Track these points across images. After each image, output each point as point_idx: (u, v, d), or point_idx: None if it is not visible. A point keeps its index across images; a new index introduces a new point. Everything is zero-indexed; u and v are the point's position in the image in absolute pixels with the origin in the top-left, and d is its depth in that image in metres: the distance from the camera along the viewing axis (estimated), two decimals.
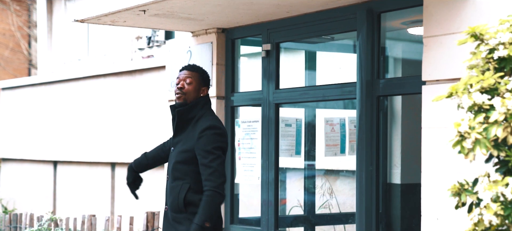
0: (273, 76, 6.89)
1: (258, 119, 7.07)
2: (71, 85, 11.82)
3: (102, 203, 11.19)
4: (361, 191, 6.11)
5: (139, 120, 10.45)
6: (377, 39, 6.04)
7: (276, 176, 6.90)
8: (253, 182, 7.13)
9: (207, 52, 7.41)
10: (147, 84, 10.38)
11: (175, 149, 5.23)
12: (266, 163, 6.93)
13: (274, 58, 6.89)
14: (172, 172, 5.21)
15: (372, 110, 6.05)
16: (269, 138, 6.91)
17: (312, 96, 6.78)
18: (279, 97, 6.85)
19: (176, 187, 5.15)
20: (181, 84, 5.22)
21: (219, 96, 7.38)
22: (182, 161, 5.16)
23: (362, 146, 6.09)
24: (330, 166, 8.33)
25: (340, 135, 7.93)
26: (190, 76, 5.26)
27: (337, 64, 8.20)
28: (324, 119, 7.85)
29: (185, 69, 5.31)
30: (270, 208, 6.89)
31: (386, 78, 6.14)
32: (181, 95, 5.21)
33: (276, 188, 6.90)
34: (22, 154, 13.01)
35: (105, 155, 11.05)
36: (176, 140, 5.26)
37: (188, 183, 5.12)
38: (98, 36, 12.63)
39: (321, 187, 8.17)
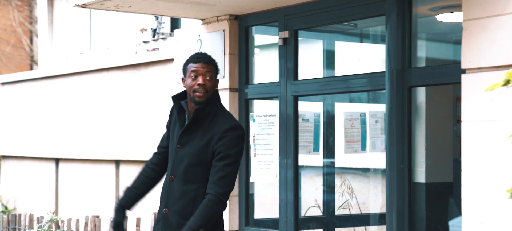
0: (291, 66, 6.25)
1: (275, 113, 6.42)
2: (73, 80, 11.23)
3: (106, 203, 10.61)
4: (391, 190, 5.47)
5: (144, 116, 9.85)
6: (408, 24, 5.40)
7: (296, 174, 6.26)
8: (270, 181, 6.49)
9: (218, 41, 6.76)
10: (152, 78, 9.77)
11: (185, 148, 4.63)
12: (284, 160, 6.29)
13: (292, 47, 6.25)
14: (183, 174, 4.62)
15: (403, 102, 5.41)
16: (288, 133, 6.27)
17: (334, 88, 6.12)
18: (298, 90, 6.21)
19: (189, 192, 4.59)
20: (202, 80, 4.58)
21: (232, 89, 6.73)
22: (197, 163, 4.60)
23: (392, 142, 5.44)
24: (350, 163, 7.68)
25: (361, 130, 7.30)
26: (210, 71, 4.63)
27: (357, 55, 7.55)
28: (344, 114, 7.22)
29: (203, 62, 4.64)
30: (289, 209, 6.25)
31: (419, 67, 5.48)
32: (204, 94, 4.58)
33: (295, 188, 6.26)
34: (22, 151, 12.43)
35: (109, 152, 10.46)
36: (185, 139, 4.65)
37: (204, 187, 4.57)
38: (101, 29, 12.00)
39: (340, 186, 7.52)
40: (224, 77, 6.72)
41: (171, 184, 4.64)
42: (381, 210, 7.65)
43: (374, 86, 5.75)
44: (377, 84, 5.65)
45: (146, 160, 9.63)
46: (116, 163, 10.54)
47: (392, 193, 5.47)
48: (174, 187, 4.63)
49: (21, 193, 12.58)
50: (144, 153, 9.73)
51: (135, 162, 10.12)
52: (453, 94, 7.11)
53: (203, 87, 4.54)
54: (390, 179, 5.48)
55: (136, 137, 9.95)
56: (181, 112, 4.70)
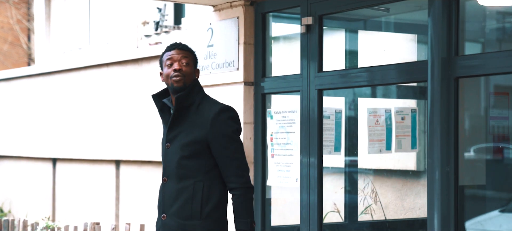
0: (315, 56, 5.45)
1: (296, 109, 5.62)
2: (71, 76, 10.45)
3: (106, 205, 9.85)
4: (433, 196, 4.67)
5: (146, 113, 9.08)
6: (455, 7, 4.60)
7: (320, 177, 5.46)
8: (290, 184, 5.69)
9: (232, 29, 5.96)
10: (155, 74, 8.99)
11: (175, 144, 4.31)
12: (306, 161, 5.49)
13: (316, 35, 5.45)
14: (176, 171, 4.28)
15: (449, 96, 4.61)
16: (311, 131, 5.47)
17: (365, 80, 5.30)
18: (322, 82, 5.41)
19: (186, 189, 4.25)
20: (178, 66, 4.29)
21: (247, 82, 5.93)
22: (189, 155, 4.24)
23: (436, 140, 4.64)
24: (374, 164, 6.88)
25: (386, 128, 6.49)
26: (187, 57, 4.35)
27: (383, 45, 6.75)
28: (367, 110, 6.41)
29: (177, 48, 4.37)
30: (312, 214, 5.45)
31: (468, 55, 4.67)
32: (181, 79, 4.29)
33: (319, 192, 5.46)
34: (18, 150, 11.65)
35: (109, 151, 9.69)
36: (173, 133, 4.33)
37: (201, 181, 4.25)
38: (100, 23, 11.22)
39: (363, 190, 6.72)
40: (238, 70, 5.92)
41: (165, 187, 4.32)
42: (406, 215, 6.86)
43: (413, 78, 4.95)
44: (418, 75, 4.85)
45: (147, 160, 8.90)
46: (116, 163, 9.81)
47: (434, 200, 4.67)
48: (168, 188, 4.30)
49: (17, 195, 11.83)
50: (146, 152, 8.99)
51: (136, 162, 9.39)
52: (484, 88, 6.34)
53: (179, 71, 4.26)
54: (431, 183, 4.69)
55: (138, 136, 9.20)
56: (165, 110, 4.42)
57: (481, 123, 6.42)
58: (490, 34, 6.28)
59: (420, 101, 6.70)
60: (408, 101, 6.65)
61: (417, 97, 6.71)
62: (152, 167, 9.20)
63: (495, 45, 6.33)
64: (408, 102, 6.64)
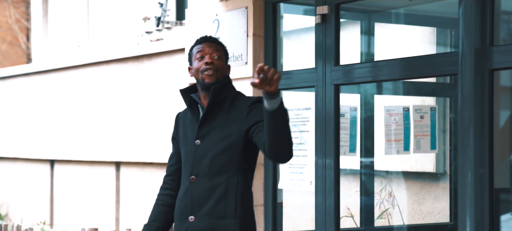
0: (331, 48, 4.95)
1: (310, 106, 5.13)
2: (69, 74, 9.96)
3: (105, 208, 9.36)
4: (465, 200, 4.18)
5: (147, 113, 8.60)
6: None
7: (337, 180, 4.97)
8: (304, 188, 5.19)
9: (240, 20, 5.47)
10: (156, 71, 8.52)
11: (207, 140, 3.95)
12: (322, 163, 5.00)
13: (332, 25, 4.95)
14: (208, 167, 3.92)
15: (483, 90, 4.12)
16: (326, 130, 4.98)
17: (388, 73, 4.79)
18: (339, 77, 4.92)
19: (220, 185, 3.90)
20: (209, 59, 3.95)
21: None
22: (224, 149, 3.90)
23: (468, 140, 4.15)
24: (390, 166, 6.39)
25: (404, 127, 6.01)
26: (218, 50, 4.02)
27: (400, 39, 6.25)
28: (384, 108, 5.92)
29: (208, 41, 4.04)
30: (328, 221, 4.96)
31: (504, 45, 4.17)
32: (213, 73, 3.94)
33: (336, 196, 4.97)
34: (15, 152, 11.16)
35: (108, 153, 9.21)
36: (205, 129, 3.96)
37: (235, 176, 3.90)
38: (99, 20, 10.74)
39: (379, 193, 6.23)
40: (247, 64, 5.43)
41: (193, 186, 3.93)
42: (424, 220, 6.37)
43: (442, 71, 4.46)
44: (447, 68, 4.35)
45: (148, 162, 8.42)
46: (116, 164, 9.33)
47: (466, 204, 4.18)
48: (198, 187, 3.93)
49: (14, 197, 11.33)
50: (148, 154, 8.50)
51: (137, 164, 8.91)
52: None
53: (211, 65, 3.93)
54: (463, 186, 4.20)
55: (139, 136, 8.72)
56: (194, 107, 4.05)
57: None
58: None
59: (439, 99, 6.22)
60: (427, 99, 6.17)
61: (436, 95, 6.22)
62: (154, 169, 8.73)
63: None
64: (427, 99, 6.16)
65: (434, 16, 6.08)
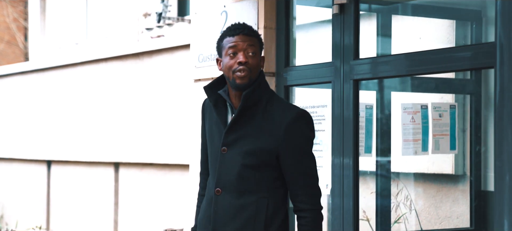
0: (350, 40, 4.50)
1: (326, 103, 4.68)
2: (67, 72, 9.48)
3: (103, 210, 8.89)
4: (503, 204, 3.72)
5: (148, 112, 8.13)
6: None
7: (356, 183, 4.51)
8: None
9: (250, 12, 5.01)
10: (157, 69, 8.05)
11: (235, 149, 3.45)
12: (340, 164, 4.54)
13: (351, 16, 4.50)
14: (236, 182, 3.43)
15: None
16: (345, 129, 4.52)
17: (415, 67, 4.32)
18: (360, 71, 4.46)
19: (248, 207, 3.42)
20: (243, 57, 3.41)
21: (267, 73, 4.98)
22: (255, 166, 3.40)
23: (506, 138, 3.69)
24: (405, 167, 5.93)
25: (422, 126, 5.55)
26: (253, 45, 3.47)
27: (418, 32, 5.79)
28: (401, 106, 5.47)
29: (243, 33, 3.46)
30: (346, 226, 4.50)
31: None
32: (247, 74, 3.42)
33: (355, 201, 4.51)
34: (11, 152, 10.67)
35: (107, 153, 8.73)
36: (234, 136, 3.46)
37: (266, 197, 3.43)
38: (98, 17, 10.25)
39: (396, 196, 5.77)
40: None
41: (218, 200, 3.48)
42: (442, 225, 5.92)
43: (477, 63, 3.99)
44: (482, 60, 3.90)
45: (148, 163, 7.93)
46: (115, 165, 8.85)
47: (503, 207, 3.72)
48: (223, 202, 3.47)
49: (10, 199, 10.83)
50: (148, 155, 8.03)
51: (136, 165, 8.43)
52: None
53: (245, 65, 3.39)
54: (500, 189, 3.74)
55: (138, 136, 8.25)
56: (220, 105, 3.53)
57: None
58: None
59: (458, 96, 5.76)
60: (446, 96, 5.71)
61: (455, 91, 5.76)
62: (154, 170, 8.26)
63: None
64: (446, 97, 5.70)
65: (454, 9, 5.63)
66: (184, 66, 7.59)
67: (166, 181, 8.05)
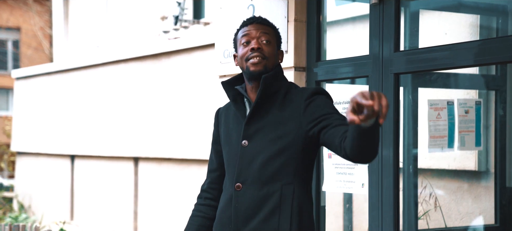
0: (390, 31, 3.58)
1: None
2: (89, 73, 8.57)
3: (124, 202, 8.00)
4: None
5: (165, 109, 7.25)
6: None
7: (396, 182, 3.60)
8: (354, 190, 3.82)
9: (279, 4, 4.09)
10: (175, 69, 7.17)
11: (257, 140, 2.75)
12: (377, 162, 3.63)
13: (392, 6, 3.58)
14: (258, 173, 2.72)
15: None
16: (383, 126, 3.61)
17: (463, 59, 3.39)
18: (400, 63, 3.55)
19: (273, 195, 2.70)
20: (256, 44, 2.76)
21: (298, 68, 4.05)
22: (278, 152, 2.71)
23: None
24: (434, 164, 5.02)
25: (448, 123, 4.64)
26: (267, 33, 2.80)
27: (444, 28, 4.88)
28: (428, 102, 4.56)
29: (256, 22, 2.82)
30: (386, 226, 3.60)
31: None
32: (262, 61, 2.76)
33: (395, 202, 3.59)
34: (37, 147, 9.75)
35: (127, 148, 7.84)
36: (254, 128, 2.76)
37: (291, 183, 2.71)
38: (118, 20, 9.33)
39: (420, 193, 4.86)
40: (287, 53, 4.05)
41: (239, 195, 2.74)
42: (463, 221, 5.02)
43: None
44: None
45: (166, 158, 7.04)
46: (134, 160, 7.96)
47: None
48: (245, 196, 2.74)
49: (37, 190, 9.91)
50: (165, 150, 7.15)
51: (155, 160, 7.56)
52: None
53: (258, 51, 2.76)
54: None
55: (157, 132, 7.37)
56: (238, 101, 2.85)
57: None
58: None
59: (482, 92, 4.86)
60: (471, 92, 4.82)
61: (479, 88, 4.86)
62: (171, 164, 7.38)
63: None
64: (472, 93, 4.80)
65: (479, 2, 4.73)
66: (201, 66, 6.73)
67: (183, 175, 7.19)
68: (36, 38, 18.12)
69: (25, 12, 18.24)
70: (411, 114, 4.63)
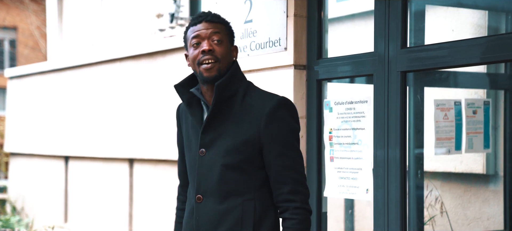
0: (397, 27, 3.32)
1: (366, 98, 3.50)
2: (83, 72, 8.31)
3: (119, 204, 7.75)
4: None
5: (161, 110, 7.00)
6: None
7: (403, 188, 3.34)
8: (358, 196, 3.56)
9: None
10: (170, 68, 6.91)
11: (214, 149, 2.58)
12: (383, 163, 3.37)
13: (398, 0, 3.33)
14: (218, 186, 2.56)
15: None
16: (389, 126, 3.35)
17: (473, 55, 3.13)
18: (409, 59, 3.29)
19: (233, 211, 2.55)
20: (207, 45, 2.56)
21: (297, 66, 3.79)
22: (236, 164, 2.53)
23: None
24: (439, 167, 4.77)
25: (455, 124, 4.40)
26: (219, 32, 2.60)
27: (450, 24, 4.62)
28: (434, 102, 4.31)
29: (205, 20, 2.60)
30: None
31: None
32: (214, 64, 2.57)
33: (403, 210, 3.34)
34: (31, 148, 9.49)
35: (122, 150, 7.59)
36: (211, 135, 2.59)
37: (252, 199, 2.55)
38: (113, 18, 9.07)
39: (426, 197, 4.61)
40: (286, 50, 3.79)
41: (200, 208, 2.59)
42: (470, 226, 4.76)
43: None
44: None
45: (161, 159, 6.79)
46: (129, 161, 7.70)
47: None
48: (206, 210, 2.58)
49: (30, 192, 9.65)
50: (161, 151, 6.90)
51: (150, 161, 7.30)
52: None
53: (210, 53, 2.56)
54: None
55: (152, 133, 7.11)
56: (193, 104, 2.67)
57: None
58: None
59: (490, 92, 4.61)
60: (479, 91, 4.56)
61: (488, 87, 4.61)
62: (167, 166, 7.12)
63: None
64: (480, 92, 4.55)
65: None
66: None
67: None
68: (33, 38, 17.88)
69: (22, 11, 18.00)
70: (417, 115, 4.38)
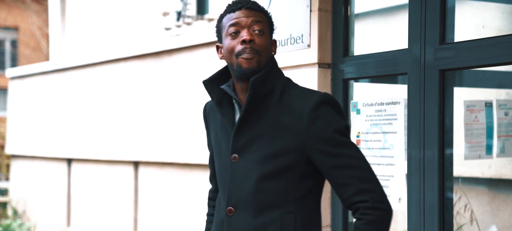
0: (435, 23, 3.01)
1: (398, 99, 3.19)
2: (87, 72, 8.01)
3: (123, 208, 7.46)
4: None
5: (167, 111, 6.70)
6: None
7: (441, 196, 3.03)
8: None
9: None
10: (177, 68, 6.62)
11: (248, 155, 2.22)
12: (418, 164, 3.06)
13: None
14: (253, 197, 2.19)
15: None
16: (425, 130, 3.04)
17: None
18: (447, 57, 2.98)
19: (271, 225, 2.17)
20: (247, 35, 2.21)
21: (322, 64, 3.48)
22: (274, 173, 2.17)
23: None
24: (466, 171, 4.45)
25: (486, 127, 4.08)
26: (260, 21, 2.25)
27: (480, 21, 4.31)
28: (464, 103, 4.00)
29: (245, 7, 2.25)
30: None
31: None
32: (254, 56, 2.21)
33: (441, 221, 3.03)
34: (33, 150, 9.19)
35: (127, 152, 7.29)
36: (245, 139, 2.23)
37: (292, 212, 2.18)
38: (117, 17, 8.77)
39: (454, 204, 4.29)
40: (309, 47, 3.48)
41: (231, 222, 2.24)
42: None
43: None
44: None
45: (168, 162, 6.48)
46: (134, 164, 7.40)
47: None
48: (239, 224, 2.23)
49: (32, 195, 9.35)
50: (167, 154, 6.60)
51: (156, 164, 7.00)
52: None
53: (250, 44, 2.20)
54: None
55: (158, 135, 6.82)
56: (225, 104, 2.30)
57: None
58: None
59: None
60: (510, 91, 4.25)
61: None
62: (174, 169, 6.82)
63: None
64: (511, 93, 4.24)
65: None
66: (204, 64, 6.17)
67: (186, 180, 6.64)
68: (34, 38, 17.62)
69: (23, 11, 17.72)
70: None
